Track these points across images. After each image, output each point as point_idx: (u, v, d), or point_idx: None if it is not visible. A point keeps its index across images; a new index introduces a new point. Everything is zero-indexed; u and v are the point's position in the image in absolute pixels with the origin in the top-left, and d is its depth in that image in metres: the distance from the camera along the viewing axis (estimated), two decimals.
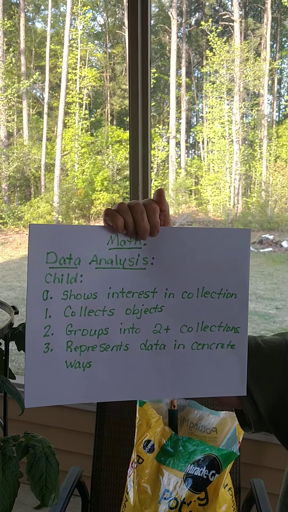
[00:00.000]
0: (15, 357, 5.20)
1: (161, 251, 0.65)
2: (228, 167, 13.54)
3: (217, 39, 13.29)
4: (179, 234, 0.66)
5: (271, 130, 14.34)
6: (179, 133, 15.07)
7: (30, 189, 14.60)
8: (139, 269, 0.65)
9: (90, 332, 0.65)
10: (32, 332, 0.62)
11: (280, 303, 7.53)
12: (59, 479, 0.73)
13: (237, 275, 0.67)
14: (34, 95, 15.78)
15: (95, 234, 0.63)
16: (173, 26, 14.54)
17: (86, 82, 14.62)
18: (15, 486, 0.67)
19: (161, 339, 0.67)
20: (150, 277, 0.66)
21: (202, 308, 0.67)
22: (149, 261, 0.65)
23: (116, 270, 0.64)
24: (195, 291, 0.67)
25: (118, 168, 13.63)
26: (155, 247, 0.65)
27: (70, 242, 0.62)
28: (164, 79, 15.31)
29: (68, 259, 0.62)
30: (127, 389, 0.66)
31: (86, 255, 0.63)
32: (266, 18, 14.07)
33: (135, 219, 0.63)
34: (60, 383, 0.63)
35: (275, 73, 14.93)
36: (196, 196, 14.34)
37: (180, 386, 0.68)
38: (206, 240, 0.66)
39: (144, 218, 0.62)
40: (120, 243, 0.64)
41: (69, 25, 14.11)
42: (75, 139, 14.24)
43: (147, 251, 0.65)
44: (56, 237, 0.62)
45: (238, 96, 13.59)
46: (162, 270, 0.66)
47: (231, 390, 0.69)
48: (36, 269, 0.61)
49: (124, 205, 0.64)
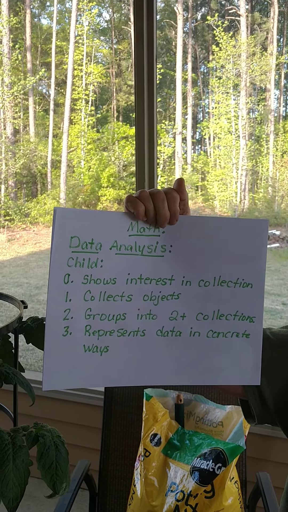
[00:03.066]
0: (23, 353, 5.24)
1: (179, 240, 0.66)
2: (235, 163, 13.49)
3: (223, 34, 13.21)
4: (197, 223, 0.66)
5: (278, 125, 14.25)
6: (185, 129, 15.03)
7: (37, 185, 14.63)
8: (157, 257, 0.66)
9: (108, 317, 0.65)
10: (52, 315, 0.62)
11: (287, 298, 7.51)
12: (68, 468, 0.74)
13: (254, 265, 0.68)
14: (40, 92, 15.79)
15: (117, 220, 0.64)
16: (179, 21, 14.47)
17: (92, 79, 14.60)
18: (25, 475, 0.68)
19: (177, 326, 0.68)
20: (168, 264, 0.66)
21: (218, 296, 0.68)
22: (167, 249, 0.66)
23: (135, 257, 0.65)
24: (212, 280, 0.67)
25: (124, 164, 13.62)
26: (173, 235, 0.66)
27: (92, 227, 0.63)
28: (170, 75, 15.25)
29: (90, 243, 0.63)
30: (142, 374, 0.67)
31: (107, 241, 0.63)
32: (272, 12, 13.96)
33: (156, 207, 0.64)
34: (77, 366, 0.64)
35: (282, 67, 14.82)
36: (202, 192, 14.30)
37: (195, 373, 0.69)
38: (224, 230, 0.67)
39: (164, 206, 0.63)
40: (140, 230, 0.65)
41: (75, 21, 14.09)
42: (81, 136, 14.24)
43: (166, 239, 0.66)
44: (79, 221, 0.62)
45: (244, 91, 13.52)
46: (180, 258, 0.66)
47: (244, 379, 0.69)
48: (59, 252, 0.61)
49: (145, 192, 0.64)
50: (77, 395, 2.28)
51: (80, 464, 1.58)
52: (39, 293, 7.88)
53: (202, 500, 1.31)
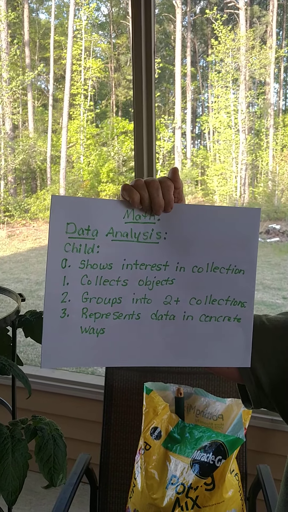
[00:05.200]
0: (23, 348, 5.25)
1: (174, 227, 0.69)
2: (234, 157, 13.46)
3: (222, 28, 13.15)
4: (191, 211, 0.69)
5: (278, 119, 14.20)
6: (185, 123, 14.99)
7: (36, 181, 14.61)
8: (152, 243, 0.68)
9: (105, 301, 0.68)
10: (51, 298, 0.66)
11: (287, 292, 7.52)
12: (66, 461, 0.74)
13: (246, 252, 0.70)
14: (39, 87, 15.73)
15: (113, 208, 0.67)
16: (178, 15, 14.40)
17: (91, 73, 14.55)
18: (24, 468, 0.69)
19: (171, 310, 0.70)
20: (162, 251, 0.69)
21: (211, 282, 0.70)
22: (162, 236, 0.68)
23: (130, 243, 0.68)
24: (205, 266, 0.70)
25: (124, 159, 13.60)
26: (168, 223, 0.68)
27: (89, 214, 0.65)
28: (169, 69, 15.19)
29: (86, 230, 0.66)
30: (136, 355, 0.70)
31: (103, 227, 0.66)
32: (272, 5, 13.88)
33: (151, 195, 0.66)
34: (74, 347, 0.67)
35: (281, 61, 14.75)
36: (202, 186, 14.28)
37: (187, 355, 0.71)
38: (217, 218, 0.69)
39: (159, 194, 0.65)
40: (136, 218, 0.67)
41: (73, 15, 14.02)
42: (80, 131, 14.21)
43: (161, 226, 0.68)
44: (76, 208, 0.65)
45: (244, 85, 13.47)
46: (174, 244, 0.69)
47: (235, 361, 0.72)
48: (56, 238, 0.65)
49: (140, 181, 0.66)
50: (77, 389, 2.29)
51: (81, 457, 1.59)
52: (39, 289, 7.89)
53: (202, 492, 1.31)
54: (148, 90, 2.03)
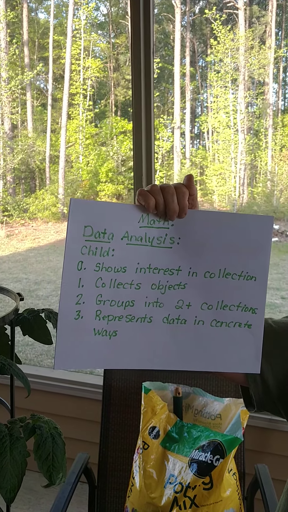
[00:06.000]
0: (22, 348, 5.25)
1: (187, 232, 0.69)
2: (233, 157, 13.47)
3: (222, 28, 13.15)
4: (205, 217, 0.70)
5: (277, 119, 14.21)
6: (184, 123, 14.99)
7: (35, 181, 14.61)
8: (166, 248, 0.69)
9: (118, 303, 0.69)
10: (66, 299, 0.66)
11: (286, 292, 7.53)
12: (65, 459, 0.75)
13: (258, 259, 0.71)
14: (38, 87, 15.73)
15: (128, 212, 0.67)
16: (177, 14, 14.40)
17: (90, 73, 14.55)
18: (22, 466, 0.69)
19: (182, 315, 0.71)
20: (175, 256, 0.70)
21: (223, 288, 0.71)
22: (176, 241, 0.69)
23: (144, 247, 0.69)
24: (217, 272, 0.70)
25: (123, 159, 13.59)
26: (182, 228, 0.69)
27: (105, 218, 0.66)
28: (168, 69, 15.20)
29: (102, 233, 0.66)
30: (148, 358, 0.70)
31: (118, 231, 0.67)
32: (271, 5, 13.89)
33: (166, 201, 0.67)
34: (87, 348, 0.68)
35: (280, 61, 14.76)
36: (201, 186, 14.28)
37: (197, 359, 0.72)
38: (230, 224, 0.70)
39: (174, 200, 0.66)
40: (150, 222, 0.68)
41: (72, 15, 14.02)
42: (79, 131, 14.20)
43: (174, 232, 0.69)
44: (93, 212, 0.66)
45: (243, 85, 13.48)
46: (187, 250, 0.70)
47: (245, 367, 0.72)
48: (74, 240, 0.66)
49: (156, 186, 0.68)
50: (76, 389, 2.29)
51: (79, 457, 1.59)
52: (38, 289, 7.88)
53: (200, 491, 1.32)
54: (146, 90, 2.03)
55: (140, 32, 1.95)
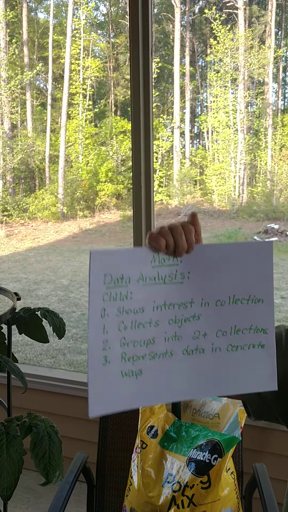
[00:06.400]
0: (22, 348, 5.25)
1: (196, 266, 0.74)
2: (233, 157, 13.47)
3: (221, 27, 13.15)
4: (210, 250, 0.74)
5: (276, 118, 14.22)
6: (184, 123, 14.99)
7: (35, 181, 14.61)
8: (177, 283, 0.73)
9: (140, 343, 0.72)
10: (93, 346, 0.69)
11: (285, 292, 7.53)
12: (62, 457, 0.75)
13: (263, 282, 0.75)
14: (38, 86, 15.73)
15: (141, 255, 0.72)
16: (177, 14, 14.40)
17: (90, 73, 14.54)
18: (19, 464, 0.69)
19: (200, 344, 0.74)
20: (187, 289, 0.73)
21: (234, 314, 0.74)
22: (186, 276, 0.73)
23: (159, 286, 0.72)
24: (227, 299, 0.74)
25: (123, 159, 13.60)
26: (190, 263, 0.73)
27: (122, 263, 0.71)
28: (168, 69, 15.19)
29: (120, 279, 0.71)
30: (173, 391, 0.73)
31: (134, 274, 0.71)
32: (270, 5, 13.89)
33: (175, 240, 0.71)
34: (117, 391, 0.70)
35: (280, 60, 14.76)
36: (201, 186, 14.29)
37: (218, 385, 0.74)
38: (233, 254, 0.74)
39: (183, 239, 0.71)
40: (161, 261, 0.72)
41: (72, 15, 14.01)
42: (79, 130, 14.20)
43: (184, 267, 0.73)
44: (111, 260, 0.70)
45: (242, 84, 13.47)
46: (197, 282, 0.74)
47: (263, 385, 0.75)
48: (96, 290, 0.69)
49: (165, 228, 0.73)
50: (75, 388, 2.29)
51: (78, 456, 1.59)
52: (38, 288, 7.89)
53: (198, 490, 1.32)
54: (145, 90, 2.03)
55: (138, 32, 1.96)
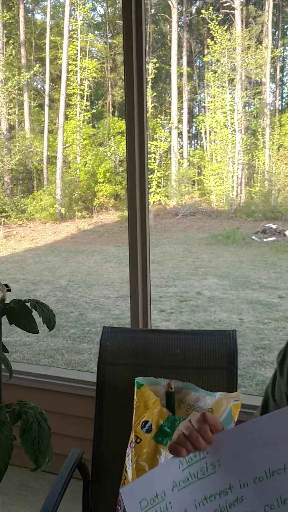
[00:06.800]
0: (19, 348, 5.28)
1: (223, 452, 0.75)
2: (231, 157, 13.50)
3: (218, 28, 13.18)
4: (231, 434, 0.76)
5: (274, 118, 14.26)
6: (181, 124, 15.03)
7: (33, 182, 14.63)
8: (211, 474, 0.75)
9: None
10: None
11: (283, 292, 7.55)
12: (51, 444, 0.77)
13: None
14: (35, 87, 15.75)
15: (168, 467, 0.75)
16: (174, 15, 14.44)
17: (87, 74, 14.57)
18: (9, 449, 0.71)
19: None
20: (222, 476, 0.75)
21: (275, 485, 0.74)
22: (216, 464, 0.75)
23: (194, 484, 0.74)
24: (264, 474, 0.74)
25: (121, 159, 13.62)
26: (216, 451, 0.75)
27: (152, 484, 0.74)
28: (166, 69, 15.23)
29: (155, 497, 0.74)
30: None
31: (167, 486, 0.74)
32: (267, 5, 13.93)
33: (194, 444, 0.75)
34: None
35: (277, 61, 14.83)
36: (199, 186, 14.32)
37: None
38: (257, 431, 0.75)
39: (200, 441, 0.74)
40: (188, 461, 0.75)
41: (69, 15, 14.03)
42: (76, 131, 14.23)
43: (212, 456, 0.75)
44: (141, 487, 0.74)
45: (240, 85, 13.51)
46: (230, 467, 0.75)
47: None
48: None
49: (182, 437, 0.76)
50: (69, 386, 2.30)
51: (73, 452, 1.60)
52: (36, 289, 7.90)
53: None
54: (139, 91, 2.04)
55: (132, 32, 1.97)
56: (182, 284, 8.04)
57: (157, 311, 6.48)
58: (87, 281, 8.46)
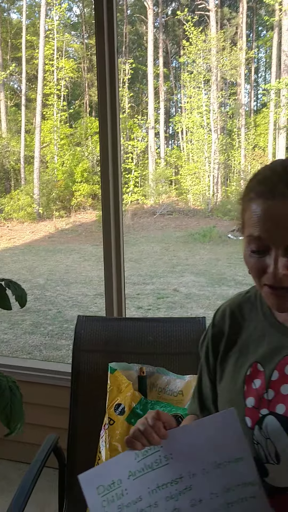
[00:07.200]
0: None
1: (175, 446, 0.84)
2: (207, 157, 13.66)
3: (194, 29, 13.33)
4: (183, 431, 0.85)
5: (249, 119, 14.48)
6: (158, 124, 15.12)
7: (10, 181, 14.52)
8: (164, 466, 0.83)
9: None
10: None
11: None
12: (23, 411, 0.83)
13: (237, 443, 0.82)
14: (12, 87, 15.64)
15: (124, 458, 0.83)
16: (150, 16, 14.53)
17: (64, 74, 14.54)
18: None
19: (199, 510, 0.83)
20: (174, 468, 0.83)
21: (220, 476, 0.83)
22: (169, 457, 0.83)
23: (148, 474, 0.82)
24: (211, 466, 0.83)
25: (98, 159, 13.59)
26: (170, 445, 0.84)
27: (109, 472, 0.82)
28: (142, 70, 15.30)
29: (112, 484, 0.81)
30: None
31: (123, 475, 0.81)
32: (241, 7, 14.14)
33: (148, 439, 0.83)
34: None
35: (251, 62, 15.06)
36: (176, 186, 14.43)
37: None
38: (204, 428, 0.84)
39: (154, 436, 0.82)
40: (144, 453, 0.83)
41: (45, 15, 13.99)
42: (54, 131, 14.18)
43: (165, 450, 0.83)
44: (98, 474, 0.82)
45: (215, 85, 13.67)
46: (181, 459, 0.83)
47: None
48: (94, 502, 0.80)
49: (137, 432, 0.84)
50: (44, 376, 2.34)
51: (48, 438, 1.64)
52: None
53: None
54: (112, 91, 2.08)
55: (104, 33, 2.02)
56: (160, 282, 8.12)
57: (134, 308, 6.55)
58: (65, 280, 8.47)
